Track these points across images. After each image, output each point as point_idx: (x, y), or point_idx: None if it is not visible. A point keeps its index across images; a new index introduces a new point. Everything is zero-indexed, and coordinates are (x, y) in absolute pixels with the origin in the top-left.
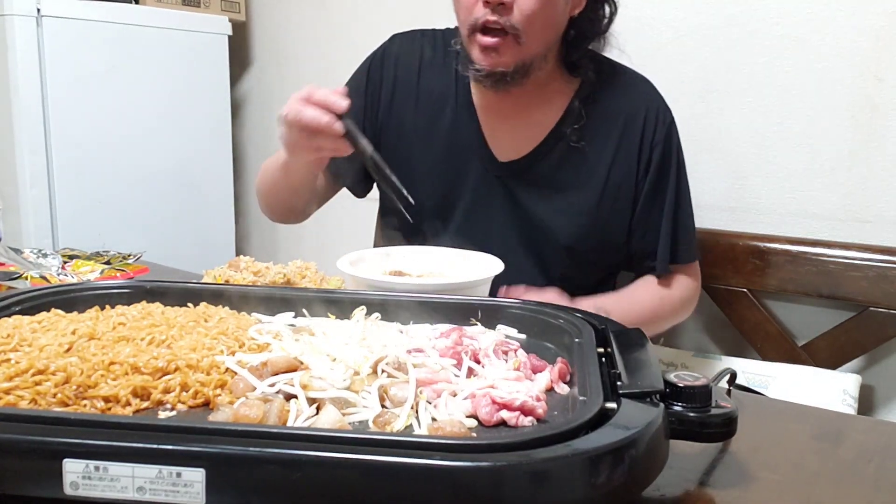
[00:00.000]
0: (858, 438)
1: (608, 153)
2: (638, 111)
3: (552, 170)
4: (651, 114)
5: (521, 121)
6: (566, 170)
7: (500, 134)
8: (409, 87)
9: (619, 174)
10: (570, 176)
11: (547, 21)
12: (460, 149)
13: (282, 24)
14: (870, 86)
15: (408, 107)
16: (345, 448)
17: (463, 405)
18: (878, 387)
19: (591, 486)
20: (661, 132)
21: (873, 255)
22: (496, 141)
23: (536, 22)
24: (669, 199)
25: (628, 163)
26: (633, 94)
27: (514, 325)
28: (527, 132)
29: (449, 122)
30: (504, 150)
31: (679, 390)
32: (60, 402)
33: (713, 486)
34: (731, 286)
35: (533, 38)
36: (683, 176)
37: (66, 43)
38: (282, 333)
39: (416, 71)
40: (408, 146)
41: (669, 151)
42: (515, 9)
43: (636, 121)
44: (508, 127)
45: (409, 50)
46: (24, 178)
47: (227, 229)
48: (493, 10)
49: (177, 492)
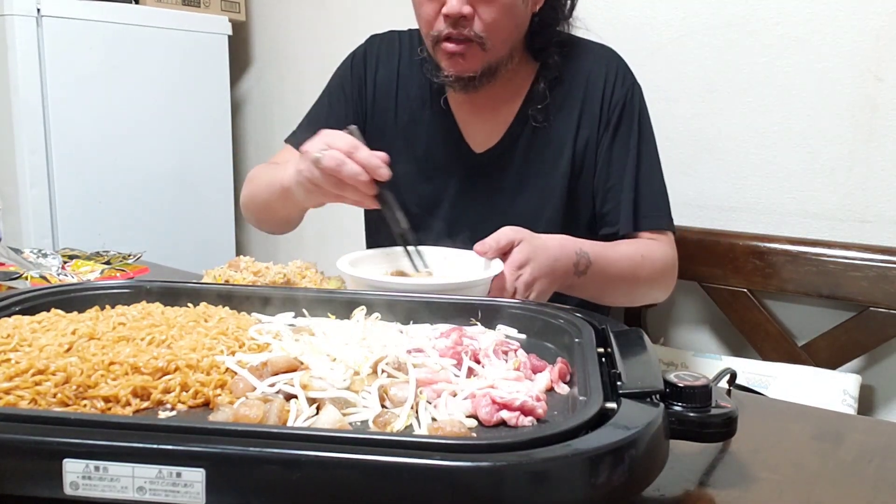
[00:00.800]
0: (858, 439)
1: (572, 127)
2: (597, 77)
3: (523, 155)
4: (610, 77)
5: (492, 111)
6: (535, 152)
7: (474, 127)
8: (389, 88)
9: (582, 144)
10: (540, 158)
11: (510, 26)
12: (440, 146)
13: (282, 24)
14: (870, 86)
15: (388, 108)
16: (345, 448)
17: (463, 405)
18: (879, 387)
19: (591, 486)
20: (619, 92)
21: (873, 255)
22: (471, 134)
23: (500, 29)
24: (631, 162)
25: (590, 130)
26: (593, 64)
27: (514, 325)
28: (496, 121)
29: (427, 122)
30: (479, 141)
31: (679, 390)
32: (60, 402)
33: (713, 486)
34: (731, 286)
35: (498, 43)
36: (648, 140)
37: (66, 43)
38: (282, 333)
39: (395, 72)
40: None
41: (630, 112)
42: (476, 19)
43: (596, 86)
44: (481, 119)
45: (388, 51)
46: (24, 178)
47: (227, 229)
48: (453, 23)
49: (177, 492)
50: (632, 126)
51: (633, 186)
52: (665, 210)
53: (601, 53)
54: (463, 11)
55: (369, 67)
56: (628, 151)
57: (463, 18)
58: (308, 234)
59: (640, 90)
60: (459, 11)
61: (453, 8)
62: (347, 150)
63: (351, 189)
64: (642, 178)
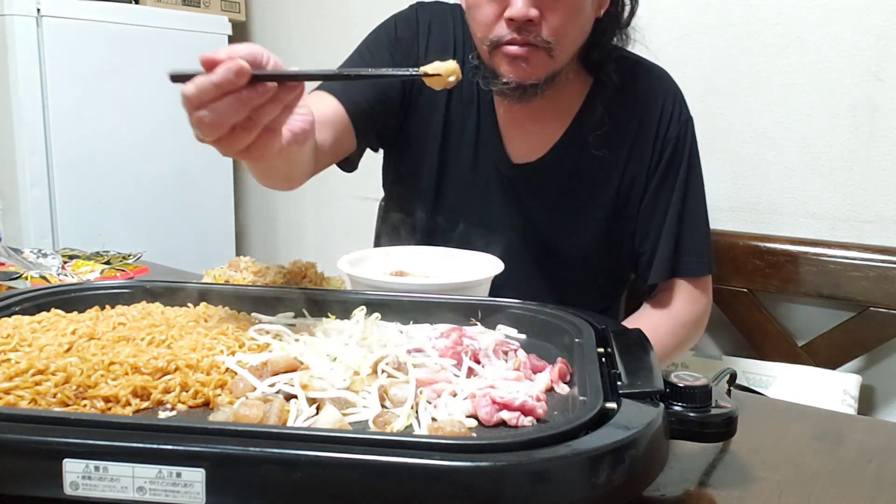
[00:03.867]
0: (859, 439)
1: (621, 159)
2: (654, 108)
3: (567, 176)
4: (667, 110)
5: (537, 123)
6: (579, 177)
7: (516, 136)
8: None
9: (629, 180)
10: (583, 183)
11: (578, 31)
12: (481, 149)
13: (281, 25)
14: (870, 86)
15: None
16: (345, 448)
17: (463, 405)
18: (879, 387)
19: (591, 486)
20: (674, 129)
21: (873, 255)
22: (512, 143)
23: (568, 34)
24: (676, 200)
25: (639, 166)
26: (650, 92)
27: (514, 325)
28: (541, 134)
29: (474, 121)
30: (520, 152)
31: (679, 390)
32: (60, 402)
33: (713, 486)
34: (731, 286)
35: (565, 50)
36: (696, 180)
37: (66, 43)
38: (282, 333)
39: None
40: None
41: (682, 151)
42: (544, 24)
43: (651, 118)
44: (524, 130)
45: (444, 24)
46: (24, 178)
47: (227, 229)
48: (518, 28)
49: (177, 492)
50: (681, 166)
51: (675, 232)
52: (706, 256)
53: (659, 81)
54: (530, 15)
55: (422, 34)
56: (674, 193)
57: (529, 23)
58: (308, 234)
59: (693, 125)
60: (526, 15)
61: (519, 11)
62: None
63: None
64: (686, 222)
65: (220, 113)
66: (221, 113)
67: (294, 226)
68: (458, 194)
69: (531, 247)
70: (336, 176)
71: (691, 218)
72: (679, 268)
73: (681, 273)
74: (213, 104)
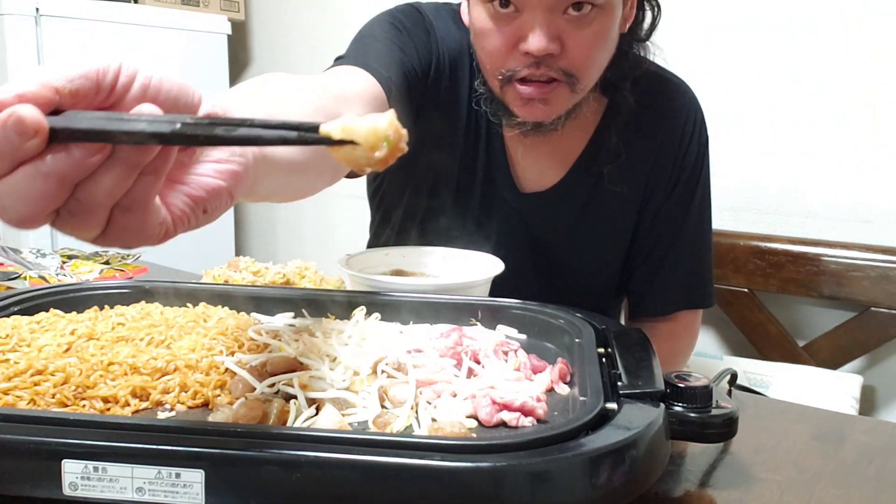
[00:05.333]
0: (860, 439)
1: (640, 187)
2: (675, 129)
3: (581, 207)
4: (688, 131)
5: (548, 149)
6: (596, 207)
7: (525, 163)
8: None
9: (647, 202)
10: (600, 214)
11: (603, 57)
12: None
13: (281, 24)
14: (870, 86)
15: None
16: (344, 448)
17: (463, 406)
18: (880, 387)
19: (591, 486)
20: (693, 150)
21: (875, 255)
22: (521, 170)
23: (593, 63)
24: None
25: (658, 189)
26: (670, 111)
27: (514, 325)
28: (553, 162)
29: (485, 144)
30: (528, 181)
31: (680, 391)
32: (59, 402)
33: (714, 486)
34: (732, 286)
35: (588, 81)
36: (704, 205)
37: (65, 42)
38: (281, 333)
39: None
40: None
41: (697, 173)
42: (566, 55)
43: (671, 141)
44: (535, 157)
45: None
46: None
47: (226, 229)
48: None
49: (176, 492)
50: (695, 189)
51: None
52: (706, 288)
53: (682, 101)
54: (550, 49)
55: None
56: (686, 217)
57: (549, 56)
58: (308, 234)
59: (708, 143)
60: (546, 49)
61: (538, 45)
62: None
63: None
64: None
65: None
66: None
67: (294, 226)
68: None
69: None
70: None
71: (702, 249)
72: (677, 302)
73: (679, 306)
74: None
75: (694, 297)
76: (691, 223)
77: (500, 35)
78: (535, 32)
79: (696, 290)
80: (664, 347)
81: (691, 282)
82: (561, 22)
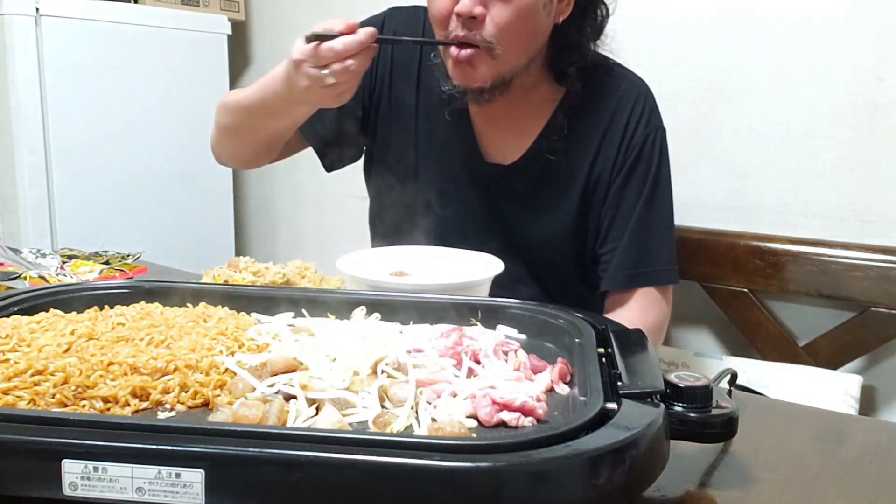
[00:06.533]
0: (860, 439)
1: (587, 159)
2: (622, 114)
3: (537, 178)
4: (635, 115)
5: (512, 128)
6: (546, 184)
7: (491, 139)
8: (409, 69)
9: (594, 179)
10: (553, 184)
11: (525, 32)
12: (455, 148)
13: (281, 24)
14: (870, 86)
15: (409, 91)
16: (344, 448)
17: (463, 405)
18: (880, 387)
19: (591, 486)
20: (640, 134)
21: (874, 255)
22: (488, 145)
23: (513, 34)
24: (640, 208)
25: (604, 166)
26: (619, 98)
27: (514, 325)
28: (516, 138)
29: (447, 121)
30: (495, 154)
31: (680, 390)
32: (59, 402)
33: (714, 486)
34: (731, 286)
35: (510, 51)
36: (662, 188)
37: (66, 43)
38: (281, 334)
39: (418, 56)
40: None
41: (649, 157)
42: (488, 21)
43: (618, 123)
44: (499, 133)
45: (412, 29)
46: (22, 177)
47: (227, 229)
48: (463, 24)
49: (176, 492)
50: (648, 171)
51: (637, 240)
52: (667, 264)
53: (630, 88)
54: (474, 12)
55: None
56: (639, 200)
57: (473, 20)
58: (308, 234)
59: (664, 134)
60: (470, 11)
61: (465, 7)
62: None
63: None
64: (649, 231)
65: (360, 63)
66: (360, 63)
67: (294, 226)
68: (432, 191)
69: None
70: (336, 176)
71: (655, 227)
72: (639, 277)
73: (640, 283)
74: (354, 58)
75: (642, 276)
76: (641, 204)
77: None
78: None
79: (646, 269)
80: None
81: (640, 260)
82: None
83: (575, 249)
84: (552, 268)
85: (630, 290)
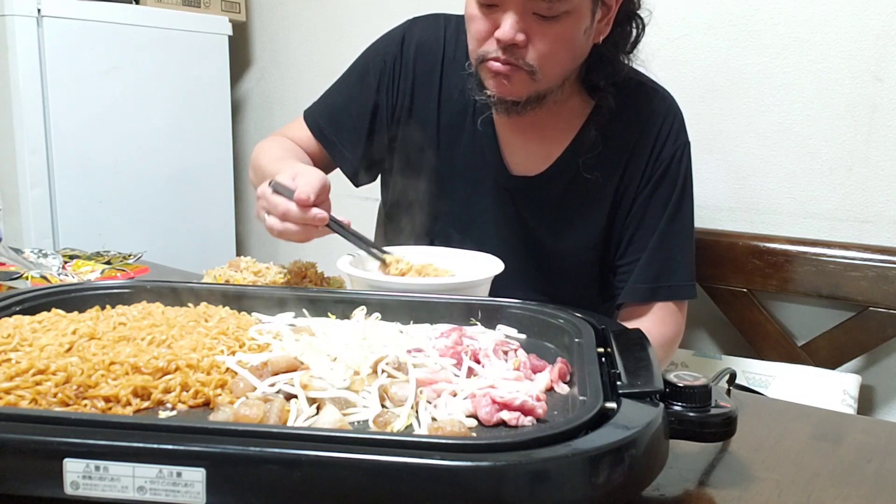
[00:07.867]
0: (858, 438)
1: (615, 175)
2: (650, 130)
3: (559, 194)
4: (663, 132)
5: (538, 140)
6: (573, 196)
7: (516, 150)
8: (430, 86)
9: (620, 195)
10: (577, 203)
11: (565, 58)
12: (478, 159)
13: (282, 25)
14: (870, 86)
15: (430, 103)
16: (345, 448)
17: (463, 405)
18: (878, 387)
19: (591, 485)
20: (668, 150)
21: (873, 255)
22: (512, 156)
23: (554, 61)
24: (664, 223)
25: (631, 182)
26: (649, 114)
27: (514, 325)
28: (540, 151)
29: (469, 131)
30: (519, 166)
31: (679, 390)
32: (61, 401)
33: (713, 485)
34: (730, 286)
35: (549, 75)
36: (686, 206)
37: (67, 43)
38: (282, 333)
39: (439, 68)
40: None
41: (675, 173)
42: (530, 49)
43: (647, 139)
44: (525, 144)
45: (433, 40)
46: (24, 178)
47: (227, 229)
48: (504, 49)
49: (177, 491)
50: (674, 187)
51: (658, 250)
52: (687, 279)
53: (661, 103)
54: (516, 39)
55: (406, 60)
56: (663, 215)
57: (515, 46)
58: None
59: (690, 150)
60: (512, 39)
61: (506, 34)
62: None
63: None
64: (670, 242)
65: (295, 233)
66: (296, 233)
67: None
68: (454, 202)
69: (528, 251)
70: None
71: (677, 242)
72: (659, 291)
73: (660, 297)
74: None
75: (663, 290)
76: (665, 218)
77: (482, 22)
78: (505, 24)
79: (667, 283)
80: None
81: (661, 275)
82: (530, 20)
83: (598, 262)
84: (572, 278)
85: (648, 304)
